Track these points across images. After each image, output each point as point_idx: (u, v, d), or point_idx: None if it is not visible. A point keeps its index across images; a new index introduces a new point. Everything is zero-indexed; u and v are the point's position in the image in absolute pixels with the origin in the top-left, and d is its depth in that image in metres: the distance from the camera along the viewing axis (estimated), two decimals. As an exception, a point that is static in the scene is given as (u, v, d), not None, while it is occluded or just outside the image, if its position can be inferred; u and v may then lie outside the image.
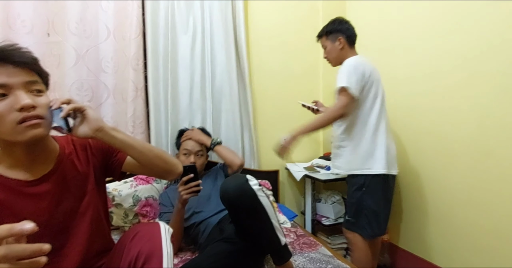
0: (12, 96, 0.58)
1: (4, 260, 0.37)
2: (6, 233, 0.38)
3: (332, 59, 1.43)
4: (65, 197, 0.71)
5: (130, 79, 1.56)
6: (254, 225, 0.95)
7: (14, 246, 0.38)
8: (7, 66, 0.58)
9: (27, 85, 0.60)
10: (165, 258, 0.62)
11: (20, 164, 0.66)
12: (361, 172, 1.31)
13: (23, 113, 0.58)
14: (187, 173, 1.10)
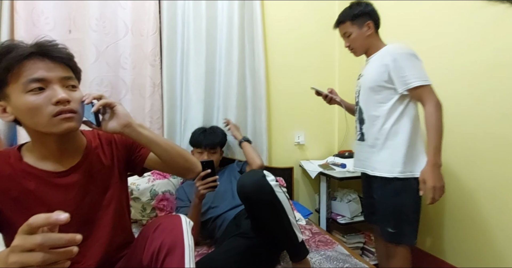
0: (49, 90, 0.61)
1: (40, 248, 0.38)
2: (43, 221, 0.39)
3: (358, 48, 1.26)
4: (91, 189, 0.73)
5: (148, 75, 1.58)
6: (271, 220, 0.94)
7: (50, 234, 0.39)
8: (46, 61, 0.61)
9: (63, 80, 0.63)
10: (187, 250, 0.62)
11: (50, 155, 0.68)
12: (404, 175, 1.15)
13: (58, 106, 0.61)
14: (204, 168, 1.11)
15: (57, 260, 0.39)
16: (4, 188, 0.63)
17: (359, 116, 1.30)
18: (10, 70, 0.58)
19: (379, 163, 1.21)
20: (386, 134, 1.19)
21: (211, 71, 1.75)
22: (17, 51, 0.59)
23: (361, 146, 1.30)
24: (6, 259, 0.40)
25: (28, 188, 0.66)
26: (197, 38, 1.70)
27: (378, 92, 1.19)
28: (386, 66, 1.14)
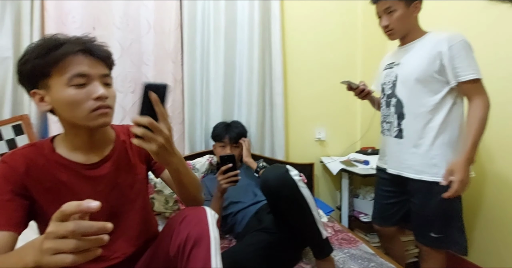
0: (90, 86, 0.63)
1: (72, 235, 0.39)
2: (74, 209, 0.39)
3: (399, 30, 1.10)
4: (118, 182, 0.75)
5: (170, 71, 1.60)
6: (294, 216, 0.92)
7: (82, 222, 0.40)
8: (90, 58, 0.64)
9: (102, 77, 0.66)
10: (213, 242, 0.62)
11: (81, 146, 0.70)
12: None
13: (97, 102, 0.63)
14: (226, 163, 1.10)
15: (89, 247, 0.40)
16: (39, 178, 0.66)
17: (396, 110, 1.15)
18: (56, 64, 0.61)
19: (426, 166, 1.08)
20: (435, 132, 1.06)
21: (231, 68, 1.74)
22: (66, 47, 0.61)
23: (399, 144, 1.14)
24: (41, 245, 0.41)
25: (61, 179, 0.68)
26: (216, 36, 1.70)
27: (426, 83, 1.05)
28: (439, 54, 1.01)
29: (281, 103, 1.81)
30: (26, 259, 0.44)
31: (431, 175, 1.07)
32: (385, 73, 1.23)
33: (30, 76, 0.63)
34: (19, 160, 0.64)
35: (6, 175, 0.62)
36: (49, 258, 0.39)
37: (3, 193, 0.61)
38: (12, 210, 0.60)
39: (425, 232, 1.12)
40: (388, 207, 1.28)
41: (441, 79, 1.04)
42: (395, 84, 1.16)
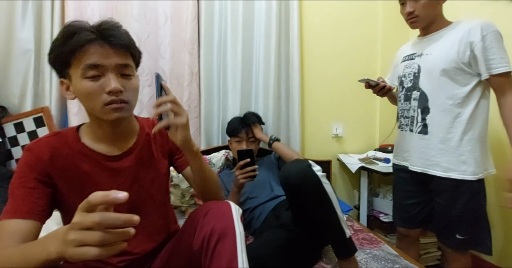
0: (104, 78, 0.60)
1: (98, 227, 0.37)
2: (101, 199, 0.37)
3: (425, 17, 1.03)
4: (140, 176, 0.73)
5: (186, 63, 1.58)
6: (317, 213, 0.88)
7: (108, 213, 0.38)
8: (106, 47, 0.59)
9: (118, 68, 0.61)
10: (238, 237, 0.59)
11: (104, 137, 0.69)
12: (482, 175, 1.01)
13: (111, 96, 0.60)
14: (244, 157, 1.08)
15: (115, 240, 0.38)
16: (62, 167, 0.65)
17: (420, 104, 1.08)
18: (74, 54, 0.58)
19: (455, 163, 1.01)
20: (463, 127, 1.00)
21: (248, 60, 1.71)
22: (80, 35, 0.58)
23: (424, 140, 1.08)
24: (66, 236, 0.39)
25: (83, 169, 0.67)
26: (234, 27, 1.67)
27: (453, 75, 0.99)
28: (471, 44, 0.95)
29: (297, 97, 1.76)
30: (49, 249, 0.42)
31: (459, 173, 1.01)
32: (404, 65, 1.16)
33: (55, 65, 0.63)
34: (44, 148, 0.64)
35: (30, 162, 0.62)
36: (73, 250, 0.37)
37: (27, 181, 0.60)
38: (36, 198, 0.59)
39: (450, 233, 1.06)
40: (410, 207, 1.21)
41: (469, 71, 0.98)
42: (417, 76, 1.09)
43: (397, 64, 1.24)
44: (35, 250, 0.45)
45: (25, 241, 0.55)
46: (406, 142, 1.17)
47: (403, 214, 1.24)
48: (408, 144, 1.16)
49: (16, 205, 0.58)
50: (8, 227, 0.55)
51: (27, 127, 1.34)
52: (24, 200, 0.58)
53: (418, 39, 1.15)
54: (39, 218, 0.59)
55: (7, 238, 0.53)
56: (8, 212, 0.57)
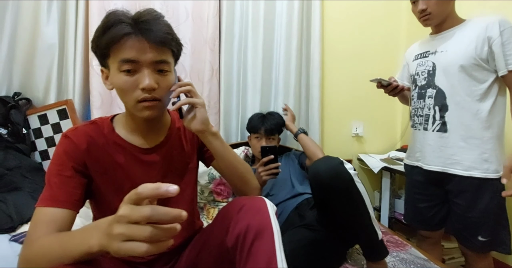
0: (139, 74, 0.58)
1: (147, 221, 0.35)
2: (152, 192, 0.35)
3: (438, 14, 1.02)
4: (170, 170, 0.72)
5: (207, 59, 1.56)
6: (349, 213, 0.84)
7: (158, 207, 0.35)
8: (143, 41, 0.56)
9: (154, 64, 0.59)
10: (276, 235, 0.56)
11: (139, 130, 0.68)
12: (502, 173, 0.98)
13: (144, 93, 0.58)
14: (267, 154, 1.05)
15: (163, 237, 0.36)
16: (97, 158, 0.64)
17: (437, 101, 1.06)
18: (112, 46, 0.57)
19: (477, 161, 0.99)
20: (484, 124, 0.99)
21: (269, 58, 1.69)
22: (118, 27, 0.56)
23: (443, 138, 1.05)
24: (110, 229, 0.37)
25: (118, 160, 0.66)
26: (255, 24, 1.65)
27: (471, 71, 0.98)
28: (489, 39, 0.94)
29: (318, 95, 1.73)
30: (90, 242, 0.41)
31: (482, 171, 0.99)
32: (416, 63, 1.14)
33: (96, 54, 0.62)
34: (82, 136, 0.63)
35: (68, 150, 0.61)
36: (119, 244, 0.35)
37: (65, 169, 0.59)
38: (72, 187, 0.59)
39: (471, 236, 1.03)
40: (424, 210, 1.17)
41: (487, 67, 0.97)
42: (431, 74, 1.07)
43: (406, 63, 1.25)
44: (75, 242, 0.44)
45: (61, 230, 0.54)
46: (418, 141, 1.14)
47: (419, 216, 1.20)
48: (421, 143, 1.13)
49: (54, 193, 0.57)
50: (46, 215, 0.54)
51: (51, 120, 1.35)
52: (61, 188, 0.57)
53: (430, 37, 1.14)
54: (74, 207, 0.58)
55: (44, 226, 0.53)
56: (46, 200, 0.56)
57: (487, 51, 0.95)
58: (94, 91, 1.41)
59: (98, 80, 1.42)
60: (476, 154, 0.99)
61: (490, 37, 0.94)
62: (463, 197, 1.03)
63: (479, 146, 0.99)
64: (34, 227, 0.53)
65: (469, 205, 1.02)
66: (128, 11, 0.59)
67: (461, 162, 1.02)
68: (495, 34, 0.93)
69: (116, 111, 1.51)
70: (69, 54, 1.42)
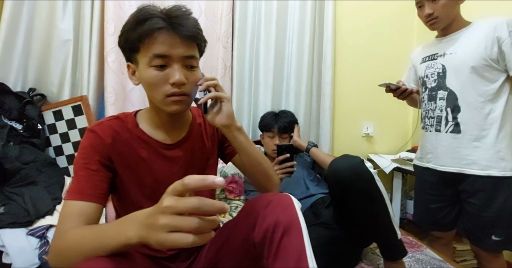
0: (169, 69, 0.59)
1: (196, 211, 0.35)
2: (199, 183, 0.35)
3: (445, 18, 1.04)
4: (192, 166, 0.73)
5: (220, 56, 1.56)
6: (368, 212, 0.84)
7: (204, 199, 0.35)
8: (174, 36, 0.57)
9: (184, 59, 0.60)
10: (304, 231, 0.56)
11: (161, 125, 0.68)
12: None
13: (173, 88, 0.59)
14: (283, 152, 1.05)
15: (208, 228, 0.36)
16: (122, 152, 0.64)
17: (449, 103, 1.07)
18: (143, 40, 0.58)
19: (494, 160, 1.00)
20: (498, 123, 0.99)
21: (281, 56, 1.69)
22: (151, 22, 0.56)
23: (457, 139, 1.06)
24: (153, 220, 0.37)
25: (141, 155, 0.66)
26: (267, 21, 1.65)
27: (481, 72, 0.99)
28: (499, 40, 0.95)
29: (329, 93, 1.72)
30: (128, 234, 0.41)
31: (499, 169, 0.99)
32: (425, 66, 1.15)
33: (124, 48, 0.62)
34: (107, 130, 0.63)
35: (94, 144, 0.61)
36: (165, 235, 0.35)
37: (91, 163, 0.59)
38: (98, 180, 0.59)
39: (485, 235, 1.03)
40: (436, 211, 1.17)
41: (497, 67, 0.99)
42: (441, 76, 1.09)
43: (413, 66, 1.27)
44: (111, 233, 0.44)
45: (89, 223, 0.54)
46: (430, 143, 1.15)
47: (430, 217, 1.20)
48: (433, 144, 1.13)
49: (81, 186, 0.57)
50: (74, 208, 0.55)
51: (66, 116, 1.36)
52: (88, 182, 0.58)
53: (436, 40, 1.15)
54: (101, 201, 0.58)
55: (73, 219, 0.53)
56: (74, 193, 0.56)
57: (497, 51, 0.96)
58: (109, 87, 1.42)
59: (113, 77, 1.43)
60: (492, 153, 1.00)
61: (499, 37, 0.95)
62: (479, 196, 1.03)
63: (494, 145, 1.00)
64: (64, 220, 0.54)
65: (484, 205, 1.02)
66: (158, 6, 0.60)
67: (477, 161, 1.02)
68: (504, 35, 0.94)
69: (129, 108, 1.52)
70: (84, 51, 1.43)
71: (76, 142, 1.36)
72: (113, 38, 1.42)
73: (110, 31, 1.41)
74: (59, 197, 1.18)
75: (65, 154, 1.37)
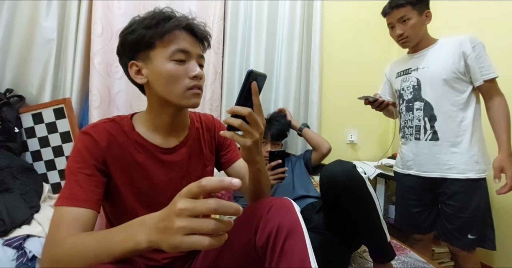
0: (188, 64, 0.62)
1: (214, 213, 0.35)
2: (217, 184, 0.35)
3: (414, 37, 1.14)
4: (189, 171, 0.71)
5: (211, 62, 1.57)
6: (360, 215, 0.86)
7: (221, 201, 0.35)
8: (191, 35, 0.63)
9: (199, 57, 0.64)
10: (306, 235, 0.57)
11: (160, 128, 0.67)
12: (488, 173, 1.09)
13: (193, 81, 0.62)
14: (275, 158, 1.06)
15: (225, 230, 0.36)
16: (117, 156, 0.62)
17: (426, 113, 1.15)
18: (163, 37, 0.60)
19: (470, 163, 1.09)
20: (470, 129, 1.09)
21: (270, 63, 1.73)
22: (175, 21, 0.61)
23: (436, 146, 1.14)
24: (167, 223, 0.36)
25: (137, 159, 0.64)
26: (258, 28, 1.68)
27: (452, 83, 1.09)
28: (464, 54, 1.07)
29: (317, 101, 1.77)
30: (137, 238, 0.39)
31: (475, 172, 1.09)
32: (400, 80, 1.25)
33: (134, 45, 0.62)
34: (102, 133, 0.61)
35: (89, 147, 0.59)
36: (181, 238, 0.35)
37: (86, 167, 0.57)
38: (93, 185, 0.56)
39: (463, 234, 1.11)
40: (417, 215, 1.25)
41: (465, 79, 1.09)
42: (417, 88, 1.17)
43: (388, 80, 1.37)
44: (117, 239, 0.42)
45: (85, 230, 0.51)
46: (411, 151, 1.22)
47: (411, 221, 1.27)
48: (413, 152, 1.21)
49: (75, 191, 0.54)
50: (68, 215, 0.52)
51: (46, 119, 1.29)
52: (82, 187, 0.55)
53: (408, 56, 1.25)
54: (96, 207, 0.55)
55: (68, 226, 0.50)
56: (67, 199, 0.53)
57: (463, 65, 1.07)
58: (94, 90, 1.36)
59: (99, 79, 1.38)
60: (467, 157, 1.09)
61: (464, 52, 1.06)
62: (457, 198, 1.11)
63: (468, 149, 1.09)
64: (57, 227, 0.50)
65: (462, 206, 1.11)
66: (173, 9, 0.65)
67: (456, 166, 1.11)
68: (469, 50, 1.06)
69: (114, 112, 1.47)
70: (69, 51, 1.37)
71: (56, 147, 1.28)
72: (101, 40, 1.38)
73: (98, 32, 1.37)
74: (37, 205, 1.11)
75: (43, 159, 1.28)
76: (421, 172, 1.19)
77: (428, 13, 1.13)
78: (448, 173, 1.12)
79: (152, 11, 0.63)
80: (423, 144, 1.17)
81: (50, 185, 1.26)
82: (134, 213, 0.61)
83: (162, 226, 0.37)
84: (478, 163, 1.09)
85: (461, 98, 1.09)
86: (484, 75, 1.05)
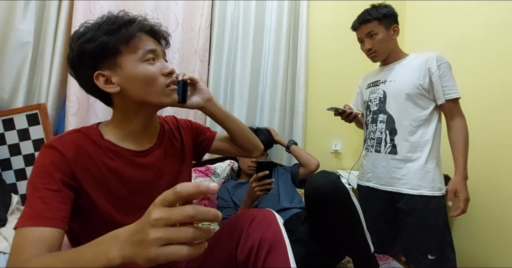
0: (157, 62, 0.63)
1: (192, 220, 0.32)
2: (193, 190, 0.33)
3: (382, 51, 1.15)
4: (167, 171, 0.71)
5: (197, 70, 1.55)
6: (345, 226, 0.86)
7: (199, 206, 0.33)
8: (153, 36, 0.64)
9: (163, 55, 0.66)
10: (289, 248, 0.55)
11: (132, 133, 0.66)
12: (443, 191, 1.08)
13: (169, 78, 0.63)
14: (263, 169, 1.04)
15: (204, 237, 0.33)
16: (87, 167, 0.58)
17: (387, 126, 1.16)
18: (127, 42, 0.58)
19: (424, 180, 1.08)
20: (429, 146, 1.09)
21: (256, 73, 1.73)
22: (137, 25, 0.60)
23: (393, 160, 1.13)
24: (142, 235, 0.33)
25: (111, 166, 0.61)
26: (244, 38, 1.69)
27: (415, 99, 1.10)
28: (429, 71, 1.08)
29: (302, 111, 1.78)
30: (110, 255, 0.36)
31: (429, 189, 1.08)
32: (369, 91, 1.27)
33: (96, 54, 0.58)
34: (68, 145, 0.57)
35: (55, 161, 0.54)
36: (158, 250, 0.32)
37: (51, 182, 0.52)
38: (59, 202, 0.52)
39: (422, 255, 1.08)
40: (377, 232, 1.15)
41: (428, 96, 1.10)
42: (383, 100, 1.18)
43: (360, 91, 1.37)
44: (87, 257, 0.38)
45: (52, 250, 0.47)
46: (371, 163, 1.22)
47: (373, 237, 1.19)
48: (373, 164, 1.21)
49: (38, 209, 0.49)
50: (32, 235, 0.47)
51: (18, 125, 1.21)
52: (47, 203, 0.50)
53: (379, 68, 1.28)
54: (63, 225, 0.51)
55: (32, 246, 0.45)
56: (29, 218, 0.48)
57: (428, 81, 1.08)
58: (72, 96, 1.30)
59: (77, 85, 1.29)
60: (422, 173, 1.08)
61: (430, 69, 1.08)
62: (413, 215, 1.10)
63: (424, 166, 1.08)
64: (19, 249, 0.46)
65: (418, 223, 1.09)
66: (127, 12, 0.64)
67: (411, 181, 1.10)
68: (434, 68, 1.07)
69: (93, 119, 1.41)
70: (46, 55, 1.31)
71: (28, 155, 1.21)
72: (81, 44, 1.33)
73: (78, 37, 1.32)
74: (3, 218, 1.03)
75: (13, 168, 1.20)
76: (379, 185, 1.18)
77: (395, 27, 1.14)
78: (402, 188, 1.11)
79: (106, 16, 0.60)
80: (382, 156, 1.17)
81: (19, 196, 1.18)
82: (112, 222, 0.59)
83: (136, 239, 0.34)
84: (434, 180, 1.07)
85: (422, 114, 1.10)
86: (446, 94, 1.06)
